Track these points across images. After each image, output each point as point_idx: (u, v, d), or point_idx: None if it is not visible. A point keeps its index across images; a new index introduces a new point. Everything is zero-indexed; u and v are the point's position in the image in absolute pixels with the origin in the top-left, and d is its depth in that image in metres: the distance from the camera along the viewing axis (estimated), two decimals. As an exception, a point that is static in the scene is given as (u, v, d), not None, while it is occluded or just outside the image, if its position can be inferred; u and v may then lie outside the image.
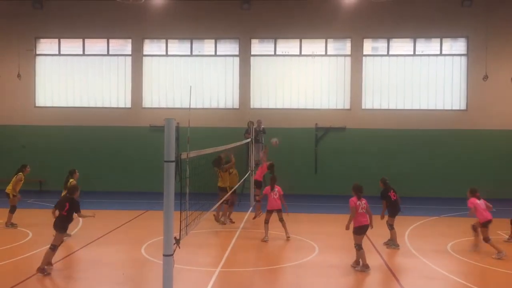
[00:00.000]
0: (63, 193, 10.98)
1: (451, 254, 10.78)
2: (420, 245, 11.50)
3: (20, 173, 13.07)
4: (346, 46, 20.29)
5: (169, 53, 20.64)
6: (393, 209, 11.17)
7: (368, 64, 20.08)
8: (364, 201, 9.59)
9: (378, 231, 11.56)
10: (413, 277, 9.33)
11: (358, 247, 9.43)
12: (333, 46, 20.43)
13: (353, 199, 9.53)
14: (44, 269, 8.87)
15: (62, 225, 9.28)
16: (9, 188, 13.04)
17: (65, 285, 8.85)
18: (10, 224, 12.85)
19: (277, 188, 12.01)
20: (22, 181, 13.11)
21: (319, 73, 20.20)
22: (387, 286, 8.81)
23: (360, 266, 9.40)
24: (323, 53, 20.20)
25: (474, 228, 11.01)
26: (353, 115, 19.99)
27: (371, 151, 19.76)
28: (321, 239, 12.02)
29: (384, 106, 20.04)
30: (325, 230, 13.25)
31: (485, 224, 10.42)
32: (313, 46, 20.22)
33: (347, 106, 20.10)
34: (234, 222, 13.73)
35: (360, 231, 9.48)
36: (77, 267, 10.11)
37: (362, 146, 19.81)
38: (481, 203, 10.58)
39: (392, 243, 11.19)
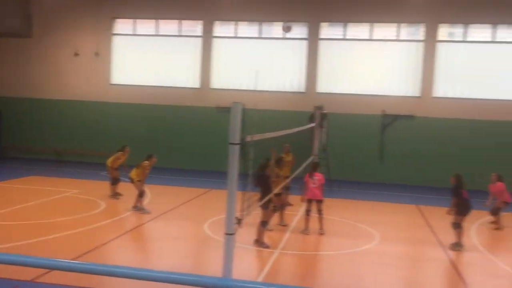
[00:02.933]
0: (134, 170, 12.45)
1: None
2: (488, 241, 11.07)
3: (120, 152, 13.80)
4: (419, 31, 19.55)
5: (238, 35, 20.85)
6: (463, 208, 10.14)
7: (442, 50, 19.24)
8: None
9: (447, 226, 11.28)
10: (477, 273, 9.03)
11: None
12: (406, 30, 19.74)
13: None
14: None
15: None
16: (109, 161, 13.84)
17: (129, 255, 9.37)
18: (114, 195, 13.67)
19: (317, 177, 10.91)
20: (121, 160, 13.80)
21: (389, 59, 19.65)
22: (449, 281, 8.59)
23: None
24: (395, 37, 19.59)
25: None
26: (423, 103, 19.33)
27: (440, 141, 19.06)
28: (382, 228, 11.86)
29: (457, 94, 19.19)
30: (387, 219, 13.04)
31: None
32: (385, 30, 19.67)
33: (417, 94, 19.45)
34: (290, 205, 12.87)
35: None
36: (143, 239, 10.66)
37: (431, 135, 19.14)
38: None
39: (456, 245, 10.11)
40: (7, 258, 3.36)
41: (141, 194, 12.30)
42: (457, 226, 10.16)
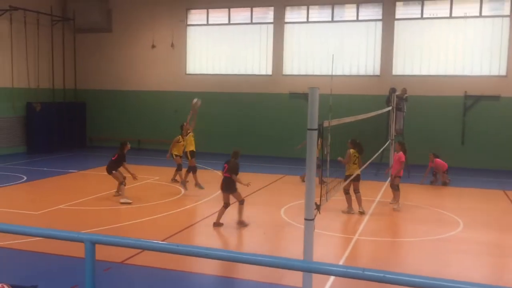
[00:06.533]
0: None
1: None
2: None
3: (179, 136, 14.23)
4: (504, 6, 18.30)
5: (310, 19, 20.60)
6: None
7: (531, 25, 17.90)
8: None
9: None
10: None
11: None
12: (489, 6, 18.54)
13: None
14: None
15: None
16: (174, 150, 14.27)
17: (209, 240, 9.66)
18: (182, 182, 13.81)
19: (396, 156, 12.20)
20: (182, 143, 14.11)
21: (471, 37, 18.58)
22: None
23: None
24: (477, 14, 18.48)
25: None
26: (510, 83, 18.13)
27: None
28: (466, 214, 11.36)
29: (548, 72, 17.82)
30: (471, 205, 12.46)
31: None
32: (466, 7, 18.60)
33: (503, 73, 18.27)
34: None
35: None
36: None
37: (518, 117, 17.94)
38: None
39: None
40: (102, 239, 3.53)
41: (191, 170, 13.29)
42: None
